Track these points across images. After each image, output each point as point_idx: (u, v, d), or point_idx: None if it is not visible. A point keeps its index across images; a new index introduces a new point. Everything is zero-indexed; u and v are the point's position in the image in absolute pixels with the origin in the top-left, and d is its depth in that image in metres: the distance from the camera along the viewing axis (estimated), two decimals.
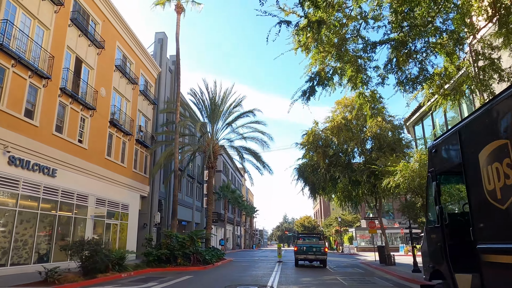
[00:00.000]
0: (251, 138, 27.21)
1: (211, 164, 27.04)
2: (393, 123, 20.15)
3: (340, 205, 25.49)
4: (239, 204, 59.07)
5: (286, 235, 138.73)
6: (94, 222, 20.18)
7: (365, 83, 8.79)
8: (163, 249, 18.22)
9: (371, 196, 23.35)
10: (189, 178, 41.22)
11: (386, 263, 20.88)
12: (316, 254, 20.33)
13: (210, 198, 27.01)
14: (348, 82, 8.81)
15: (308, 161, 22.68)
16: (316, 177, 21.77)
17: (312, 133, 21.99)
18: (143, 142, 27.17)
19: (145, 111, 28.43)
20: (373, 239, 50.50)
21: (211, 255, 20.56)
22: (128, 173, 24.83)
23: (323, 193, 24.15)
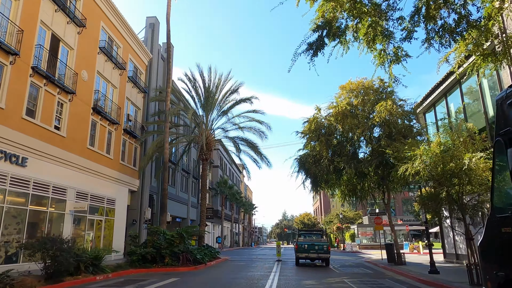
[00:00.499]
0: (248, 128, 25.31)
1: (205, 156, 25.14)
2: (403, 109, 18.23)
3: (344, 199, 23.63)
4: (237, 200, 57.22)
5: (285, 233, 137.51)
6: (74, 218, 18.29)
7: (386, 36, 6.89)
8: (148, 247, 16.37)
9: (378, 190, 21.49)
10: (183, 173, 39.34)
11: (395, 263, 19.05)
12: (319, 252, 18.94)
13: (204, 192, 25.14)
14: (364, 36, 6.91)
15: (310, 152, 20.79)
16: (319, 169, 19.88)
17: (314, 120, 20.09)
18: (132, 132, 25.24)
19: (134, 99, 26.49)
20: (375, 236, 48.79)
21: (203, 254, 18.70)
22: (114, 165, 22.93)
23: (326, 186, 22.27)
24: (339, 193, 23.42)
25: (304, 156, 20.88)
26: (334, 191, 23.70)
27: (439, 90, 19.20)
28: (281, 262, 21.88)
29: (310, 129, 20.01)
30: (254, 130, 25.09)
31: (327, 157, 19.63)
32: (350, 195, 23.23)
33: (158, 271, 15.27)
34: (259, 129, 24.95)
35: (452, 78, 17.34)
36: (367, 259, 25.54)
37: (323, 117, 20.45)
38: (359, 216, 58.32)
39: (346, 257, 30.36)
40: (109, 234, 21.88)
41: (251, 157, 26.81)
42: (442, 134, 11.86)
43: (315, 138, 19.71)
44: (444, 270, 14.82)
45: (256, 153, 25.67)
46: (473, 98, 17.85)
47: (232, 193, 53.06)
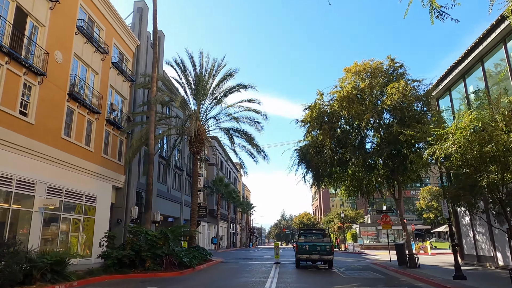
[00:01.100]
0: (243, 119, 23.15)
1: (196, 149, 23.00)
2: (417, 92, 16.10)
3: (348, 196, 21.54)
4: (234, 199, 55.06)
5: (284, 233, 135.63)
6: (44, 216, 16.10)
7: None
8: (127, 249, 14.21)
9: (387, 184, 19.42)
10: (176, 170, 37.17)
11: (408, 265, 16.95)
12: (321, 253, 17.34)
13: (195, 189, 22.98)
14: None
15: (311, 142, 18.70)
16: (321, 160, 17.78)
17: (316, 107, 17.97)
18: (117, 123, 23.07)
19: (119, 88, 24.33)
20: (378, 236, 46.72)
21: (192, 257, 16.55)
22: (96, 158, 20.75)
23: (329, 181, 20.16)
24: (343, 189, 21.34)
25: (305, 147, 18.76)
26: (338, 186, 21.59)
27: (457, 70, 17.13)
28: (280, 265, 19.77)
29: (312, 116, 17.89)
30: (249, 120, 22.95)
31: (331, 147, 17.53)
32: (355, 191, 21.17)
33: (136, 277, 13.12)
34: (255, 119, 22.84)
35: (474, 55, 15.26)
36: (374, 261, 23.44)
37: (326, 104, 18.34)
38: (360, 215, 56.28)
39: (350, 258, 28.26)
40: (88, 235, 19.71)
41: (246, 150, 24.68)
42: (475, 110, 9.72)
43: (317, 126, 17.59)
44: (470, 275, 12.72)
45: (252, 145, 23.51)
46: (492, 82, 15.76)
47: (228, 192, 50.90)
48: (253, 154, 24.23)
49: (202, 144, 23.57)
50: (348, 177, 20.51)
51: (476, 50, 14.98)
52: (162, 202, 31.81)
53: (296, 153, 18.79)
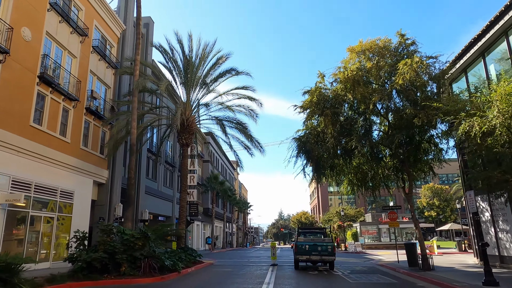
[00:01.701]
0: (236, 107, 21.20)
1: (185, 140, 21.04)
2: (430, 70, 14.14)
3: (351, 191, 19.65)
4: (230, 198, 53.10)
5: (282, 232, 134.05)
6: (7, 214, 14.09)
7: None
8: (99, 251, 12.24)
9: (395, 177, 17.55)
10: (168, 166, 35.18)
11: (421, 267, 15.06)
12: (322, 254, 16.15)
13: (185, 184, 21.01)
14: None
15: (311, 130, 16.79)
16: (323, 150, 15.89)
17: (317, 91, 16.03)
18: (99, 113, 21.07)
19: (102, 75, 22.32)
20: (379, 235, 44.89)
21: (177, 259, 14.61)
22: (73, 150, 18.76)
23: (331, 174, 18.24)
24: (346, 183, 19.44)
25: (305, 135, 16.82)
26: (340, 181, 19.70)
27: (476, 48, 15.24)
28: (277, 267, 17.85)
29: (312, 101, 15.94)
30: (243, 108, 21.01)
31: (333, 136, 15.61)
32: (360, 186, 19.27)
33: (108, 284, 11.16)
34: (249, 108, 20.88)
35: (498, 27, 13.37)
36: (379, 262, 21.57)
37: (328, 88, 16.40)
38: (360, 214, 54.47)
39: (352, 259, 26.38)
40: (64, 236, 17.70)
41: (241, 143, 22.74)
42: None
43: (318, 112, 15.66)
44: (502, 279, 10.81)
45: (247, 136, 21.57)
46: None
47: (223, 190, 48.92)
48: (248, 146, 22.32)
49: (192, 136, 21.60)
50: (352, 170, 18.62)
51: (501, 21, 13.09)
52: (151, 199, 29.83)
53: (294, 143, 16.86)
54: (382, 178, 18.68)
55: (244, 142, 22.52)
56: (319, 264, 17.84)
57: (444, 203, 60.20)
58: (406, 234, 46.64)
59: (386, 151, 17.94)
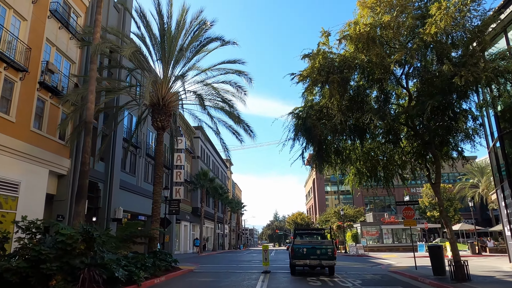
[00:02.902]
0: (221, 83, 17.81)
1: (160, 123, 17.61)
2: (471, 22, 10.86)
3: (358, 183, 16.33)
4: (221, 196, 49.62)
5: (276, 234, 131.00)
6: None
7: None
8: (19, 258, 8.78)
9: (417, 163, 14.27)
10: (150, 160, 31.65)
11: (452, 277, 11.73)
12: (322, 258, 14.67)
13: (159, 174, 17.53)
14: None
15: (312, 104, 13.46)
16: (327, 128, 12.57)
17: (320, 55, 12.65)
18: (57, 90, 17.63)
19: (63, 47, 18.86)
20: (381, 237, 41.63)
21: (138, 267, 11.19)
22: (20, 133, 15.29)
23: (337, 160, 14.88)
24: (353, 173, 16.12)
25: (305, 110, 13.42)
26: (345, 171, 16.37)
27: None
28: (270, 276, 14.49)
29: (313, 68, 12.57)
30: (230, 84, 17.61)
31: (341, 109, 12.30)
32: (369, 176, 15.95)
33: None
34: (236, 84, 17.51)
35: None
36: (391, 268, 18.26)
37: (333, 53, 13.02)
38: (360, 214, 51.25)
39: (356, 263, 23.05)
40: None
41: (228, 127, 19.34)
42: None
43: (322, 78, 12.26)
44: None
45: (234, 119, 18.16)
46: None
47: (213, 187, 45.43)
48: (236, 131, 18.92)
49: (170, 118, 18.16)
50: (361, 157, 15.32)
51: None
52: (128, 196, 26.33)
53: (292, 119, 13.42)
54: (397, 167, 15.40)
55: (231, 127, 19.14)
56: (318, 269, 16.46)
57: (447, 203, 57.21)
58: (409, 235, 43.39)
59: (403, 134, 14.66)
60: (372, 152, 15.60)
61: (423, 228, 52.61)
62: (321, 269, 16.34)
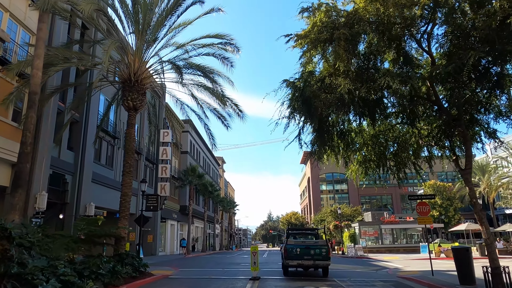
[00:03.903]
0: (205, 55, 15.14)
1: (132, 102, 14.91)
2: None
3: (364, 173, 13.85)
4: (211, 194, 46.91)
5: (270, 234, 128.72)
6: None
7: None
8: None
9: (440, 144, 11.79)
10: None
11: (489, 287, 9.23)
12: (316, 259, 14.33)
13: (129, 162, 14.78)
14: None
15: (311, 71, 10.88)
16: (331, 101, 10.02)
17: (321, 10, 10.09)
18: (9, 62, 14.88)
19: (21, 15, 16.16)
20: (380, 238, 39.21)
21: (83, 275, 8.53)
22: None
23: (340, 144, 12.33)
24: (358, 161, 13.59)
25: (303, 77, 10.79)
26: (349, 158, 13.83)
27: None
28: (259, 284, 11.90)
29: (315, 26, 10.00)
30: (214, 57, 14.96)
31: (350, 76, 9.76)
32: (378, 165, 13.44)
33: None
34: (222, 56, 14.85)
35: None
36: (399, 273, 15.76)
37: (337, 9, 10.44)
38: (357, 213, 48.86)
39: (358, 266, 20.54)
40: None
41: (211, 109, 16.72)
42: None
43: (325, 36, 9.66)
44: None
45: (218, 98, 15.51)
46: None
47: (202, 184, 42.70)
48: (221, 114, 16.30)
49: (144, 98, 15.46)
50: (369, 141, 12.81)
51: None
52: (104, 191, 23.61)
53: (287, 89, 10.77)
54: (411, 153, 12.93)
55: (214, 108, 16.52)
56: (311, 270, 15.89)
57: (447, 202, 55.11)
58: (401, 235, 41.08)
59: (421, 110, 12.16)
60: (382, 136, 13.11)
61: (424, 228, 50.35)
62: (315, 270, 15.87)
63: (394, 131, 13.17)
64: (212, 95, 15.56)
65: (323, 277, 14.41)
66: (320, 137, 11.43)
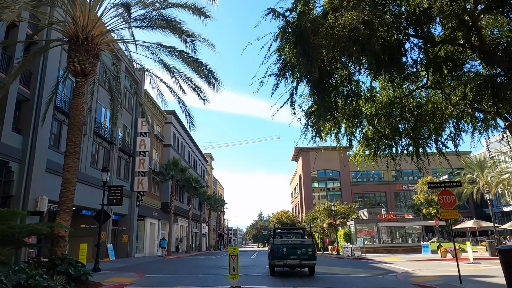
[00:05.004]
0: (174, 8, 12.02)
1: (80, 65, 11.71)
2: None
3: (373, 155, 11.00)
4: (196, 191, 43.64)
5: (261, 234, 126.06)
6: None
7: None
8: None
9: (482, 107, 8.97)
10: (101, 141, 25.60)
11: None
12: (302, 258, 14.14)
13: (73, 140, 11.54)
14: None
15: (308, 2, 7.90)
16: (340, 36, 7.03)
17: None
18: None
19: None
20: (378, 236, 36.44)
21: None
22: None
23: (346, 110, 9.38)
24: (366, 138, 10.69)
25: (297, 8, 7.74)
26: (355, 131, 10.91)
27: None
28: None
29: None
30: (185, 8, 11.83)
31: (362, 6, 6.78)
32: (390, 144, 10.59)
33: None
34: (193, 4, 11.73)
35: None
36: (411, 278, 12.85)
37: None
38: (352, 210, 46.10)
39: (358, 269, 17.58)
40: None
41: (184, 79, 13.61)
42: None
43: None
44: None
45: (187, 61, 12.39)
46: None
47: (186, 179, 39.45)
48: (195, 84, 13.18)
49: (97, 61, 12.26)
50: (381, 110, 9.91)
51: None
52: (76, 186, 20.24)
53: (275, 22, 7.88)
54: (435, 127, 10.08)
55: (185, 75, 13.41)
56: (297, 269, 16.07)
57: None
58: (410, 235, 38.54)
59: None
60: (398, 105, 10.22)
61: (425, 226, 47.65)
62: (301, 269, 15.89)
63: (413, 100, 10.31)
64: (180, 59, 12.41)
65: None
66: (320, 100, 8.42)
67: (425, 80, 9.73)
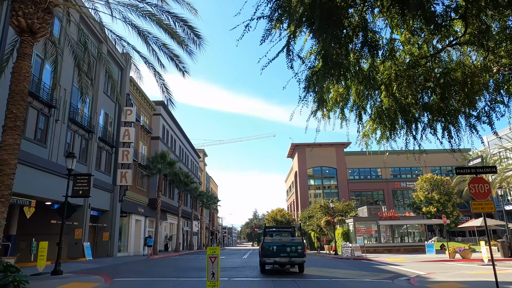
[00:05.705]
0: None
1: (25, 19, 9.42)
2: None
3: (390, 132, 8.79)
4: (186, 186, 41.34)
5: (256, 232, 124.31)
6: None
7: None
8: None
9: None
10: (76, 128, 23.23)
11: None
12: (291, 256, 14.43)
13: (14, 112, 9.21)
14: None
15: None
16: None
17: None
18: None
19: None
20: (379, 235, 34.35)
21: None
22: None
23: (357, 70, 7.20)
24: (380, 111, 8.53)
25: None
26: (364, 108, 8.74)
27: None
28: None
29: None
30: None
31: None
32: (409, 120, 8.46)
33: None
34: None
35: None
36: (428, 284, 10.68)
37: None
38: (350, 208, 44.05)
39: (361, 272, 15.39)
40: None
41: (160, 45, 11.36)
42: None
43: None
44: None
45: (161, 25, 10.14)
46: None
47: (174, 173, 37.12)
48: (172, 51, 10.93)
49: (48, 16, 9.95)
50: (403, 72, 7.74)
51: None
52: (33, 175, 18.06)
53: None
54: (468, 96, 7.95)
55: (166, 46, 11.13)
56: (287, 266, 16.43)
57: (445, 197, 50.91)
58: (411, 234, 36.51)
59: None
60: (423, 67, 8.06)
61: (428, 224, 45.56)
62: (291, 267, 16.17)
63: (441, 63, 8.17)
64: (154, 22, 10.15)
65: None
66: (327, 48, 6.18)
67: (460, 35, 7.55)
